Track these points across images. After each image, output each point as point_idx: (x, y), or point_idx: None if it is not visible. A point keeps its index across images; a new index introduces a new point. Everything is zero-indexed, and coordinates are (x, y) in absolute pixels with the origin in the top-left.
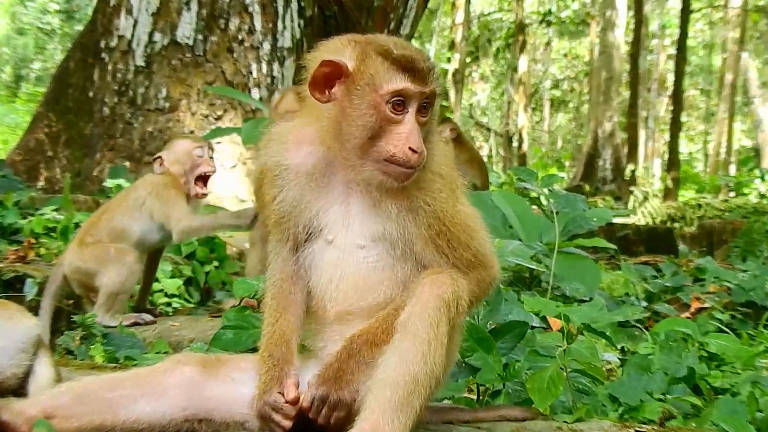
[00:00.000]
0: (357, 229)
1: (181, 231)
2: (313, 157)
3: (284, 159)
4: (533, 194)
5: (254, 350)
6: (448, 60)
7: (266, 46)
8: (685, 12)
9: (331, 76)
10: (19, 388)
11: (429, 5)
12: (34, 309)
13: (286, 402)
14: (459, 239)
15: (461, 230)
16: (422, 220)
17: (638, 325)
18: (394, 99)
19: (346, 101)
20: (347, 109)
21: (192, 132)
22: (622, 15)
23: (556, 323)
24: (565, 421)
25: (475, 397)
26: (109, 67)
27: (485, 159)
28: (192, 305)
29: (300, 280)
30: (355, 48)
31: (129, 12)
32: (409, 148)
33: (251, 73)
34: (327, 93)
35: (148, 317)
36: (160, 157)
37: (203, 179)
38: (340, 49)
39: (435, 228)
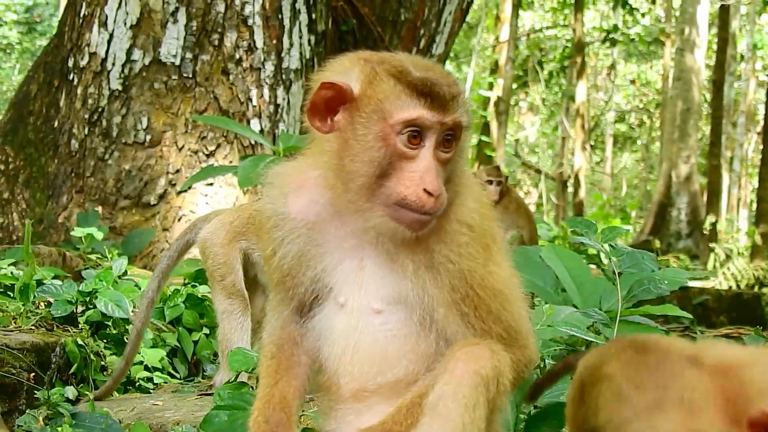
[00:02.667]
0: (372, 290)
1: None
2: (317, 205)
3: (283, 207)
4: (591, 251)
5: None
6: (491, 86)
7: (269, 68)
8: None
9: (334, 101)
10: None
11: (468, 19)
12: None
13: None
14: (489, 308)
15: (492, 297)
16: (444, 280)
17: None
18: (408, 130)
19: (350, 131)
20: (350, 141)
21: (178, 171)
22: (704, 33)
23: None
24: None
25: None
26: (79, 91)
27: (534, 207)
28: (178, 381)
29: (305, 344)
30: (364, 68)
31: (103, 24)
32: (424, 190)
33: (251, 99)
34: (329, 121)
35: None
36: None
37: None
38: (347, 69)
39: (460, 291)
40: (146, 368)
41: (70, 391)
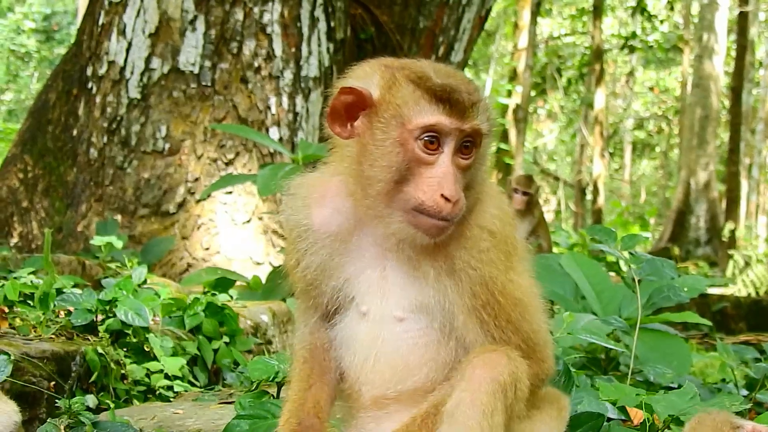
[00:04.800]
0: (395, 298)
1: None
2: (339, 215)
3: (305, 218)
4: (611, 258)
5: None
6: (509, 93)
7: (288, 76)
8: None
9: (353, 106)
10: None
11: (486, 26)
12: (8, 392)
13: None
14: (509, 316)
15: (513, 306)
16: (465, 286)
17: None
18: (426, 135)
19: (369, 137)
20: (369, 146)
21: (197, 179)
22: (722, 39)
23: (637, 415)
24: None
25: None
26: (97, 100)
27: (553, 214)
28: (198, 389)
29: (332, 350)
30: (384, 73)
31: (121, 33)
32: (441, 196)
33: (269, 108)
34: (349, 127)
35: None
36: None
37: None
38: (367, 75)
39: (481, 298)
40: (166, 377)
41: (91, 400)
